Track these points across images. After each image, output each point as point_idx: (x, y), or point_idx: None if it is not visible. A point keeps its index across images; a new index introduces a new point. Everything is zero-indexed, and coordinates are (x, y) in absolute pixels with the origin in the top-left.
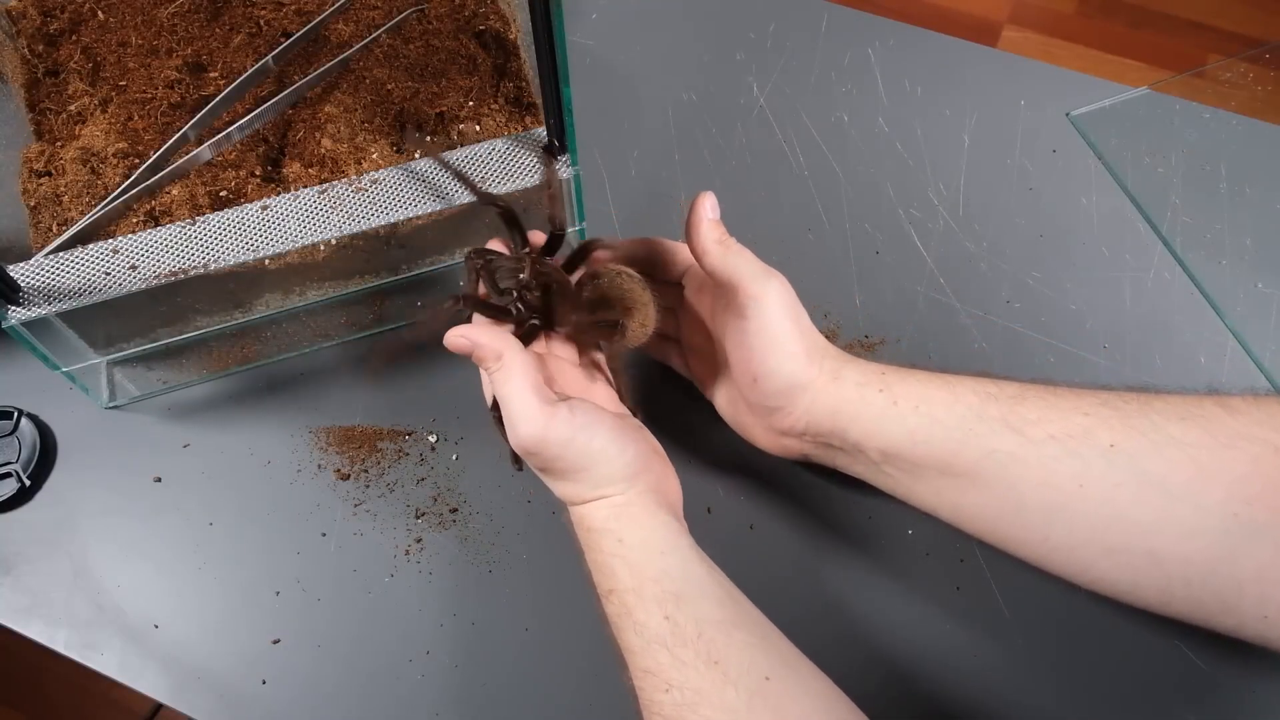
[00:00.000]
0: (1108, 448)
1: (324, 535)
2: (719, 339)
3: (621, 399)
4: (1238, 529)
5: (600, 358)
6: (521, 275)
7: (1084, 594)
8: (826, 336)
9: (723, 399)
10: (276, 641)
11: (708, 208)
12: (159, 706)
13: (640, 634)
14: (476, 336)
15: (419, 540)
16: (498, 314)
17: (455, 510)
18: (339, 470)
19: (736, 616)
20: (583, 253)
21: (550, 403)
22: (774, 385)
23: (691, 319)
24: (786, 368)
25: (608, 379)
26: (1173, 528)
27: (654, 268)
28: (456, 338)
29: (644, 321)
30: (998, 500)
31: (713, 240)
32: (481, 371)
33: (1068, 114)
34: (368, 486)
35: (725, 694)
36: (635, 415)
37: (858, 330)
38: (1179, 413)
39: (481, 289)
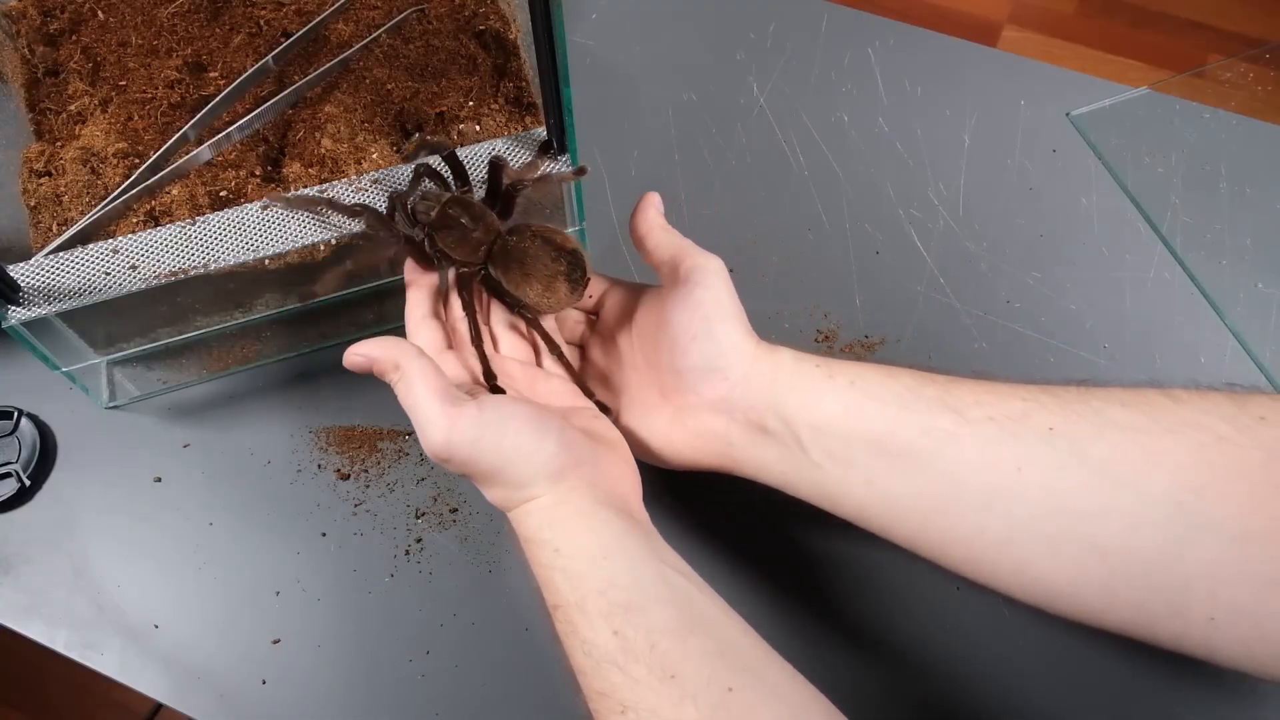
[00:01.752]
0: (1047, 431)
1: (324, 535)
2: (638, 333)
3: (573, 378)
4: (1183, 519)
5: (551, 328)
6: (433, 212)
7: None
8: (826, 336)
9: (634, 406)
10: (276, 641)
11: (656, 200)
12: (159, 706)
13: (589, 654)
14: (369, 350)
15: (419, 540)
16: (393, 233)
17: (455, 510)
18: (339, 470)
19: (694, 622)
20: (494, 172)
21: (455, 403)
22: (714, 347)
23: (602, 338)
24: (727, 328)
25: (559, 358)
26: (1117, 517)
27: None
28: (353, 356)
29: (546, 292)
30: (933, 485)
31: (658, 224)
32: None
33: (1068, 114)
34: (368, 486)
35: (683, 711)
36: (593, 398)
37: (858, 330)
38: (1120, 399)
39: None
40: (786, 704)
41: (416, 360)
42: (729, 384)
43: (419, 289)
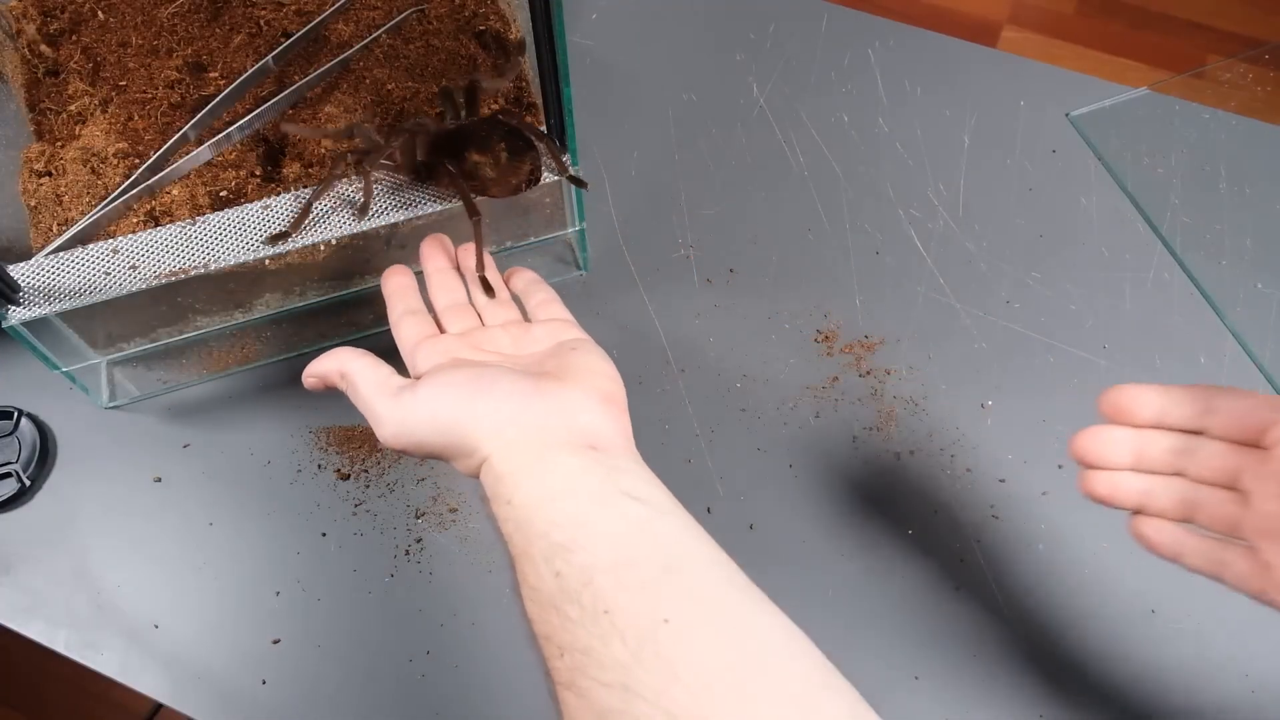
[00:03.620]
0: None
1: (324, 535)
2: None
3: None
4: None
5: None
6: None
7: (1082, 593)
8: (826, 336)
9: None
10: (276, 641)
11: None
12: (159, 706)
13: (535, 599)
14: (315, 368)
15: (419, 540)
16: (380, 145)
17: (455, 510)
18: (339, 470)
19: (637, 553)
20: (470, 92)
21: (395, 394)
22: None
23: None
24: None
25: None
26: None
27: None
28: (307, 379)
29: (491, 161)
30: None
31: None
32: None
33: (1068, 114)
34: (368, 486)
35: (611, 648)
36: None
37: (858, 330)
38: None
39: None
40: (734, 631)
41: (355, 362)
42: None
43: (395, 287)
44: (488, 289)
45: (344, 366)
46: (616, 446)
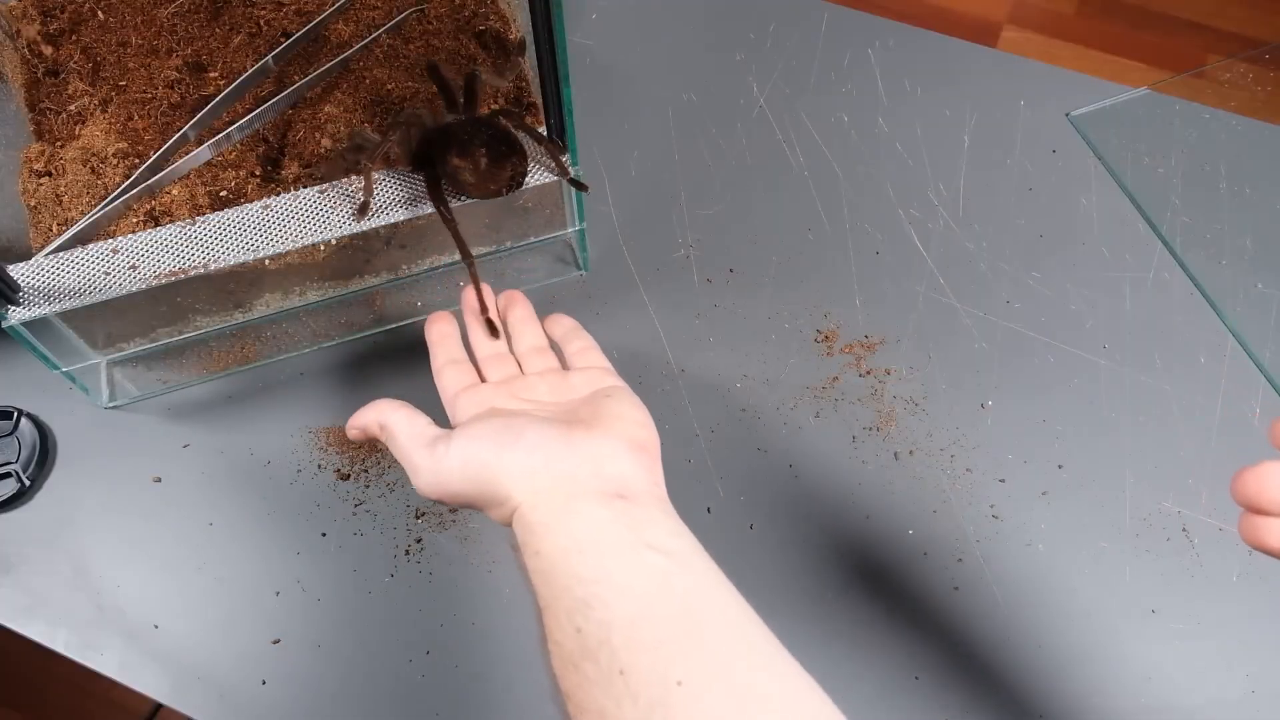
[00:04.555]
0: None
1: (324, 535)
2: None
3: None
4: None
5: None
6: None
7: (1082, 593)
8: (826, 336)
9: None
10: (276, 641)
11: None
12: (159, 706)
13: (558, 654)
14: (358, 420)
15: (419, 540)
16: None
17: (455, 510)
18: (339, 470)
19: (654, 610)
20: (469, 84)
21: (431, 446)
22: None
23: None
24: None
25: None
26: None
27: None
28: (350, 431)
29: (470, 166)
30: None
31: None
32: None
33: (1068, 114)
34: (368, 486)
35: (624, 710)
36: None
37: (858, 330)
38: None
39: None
40: (745, 696)
41: (394, 414)
42: None
43: (437, 335)
44: (492, 331)
45: (383, 418)
46: (646, 495)
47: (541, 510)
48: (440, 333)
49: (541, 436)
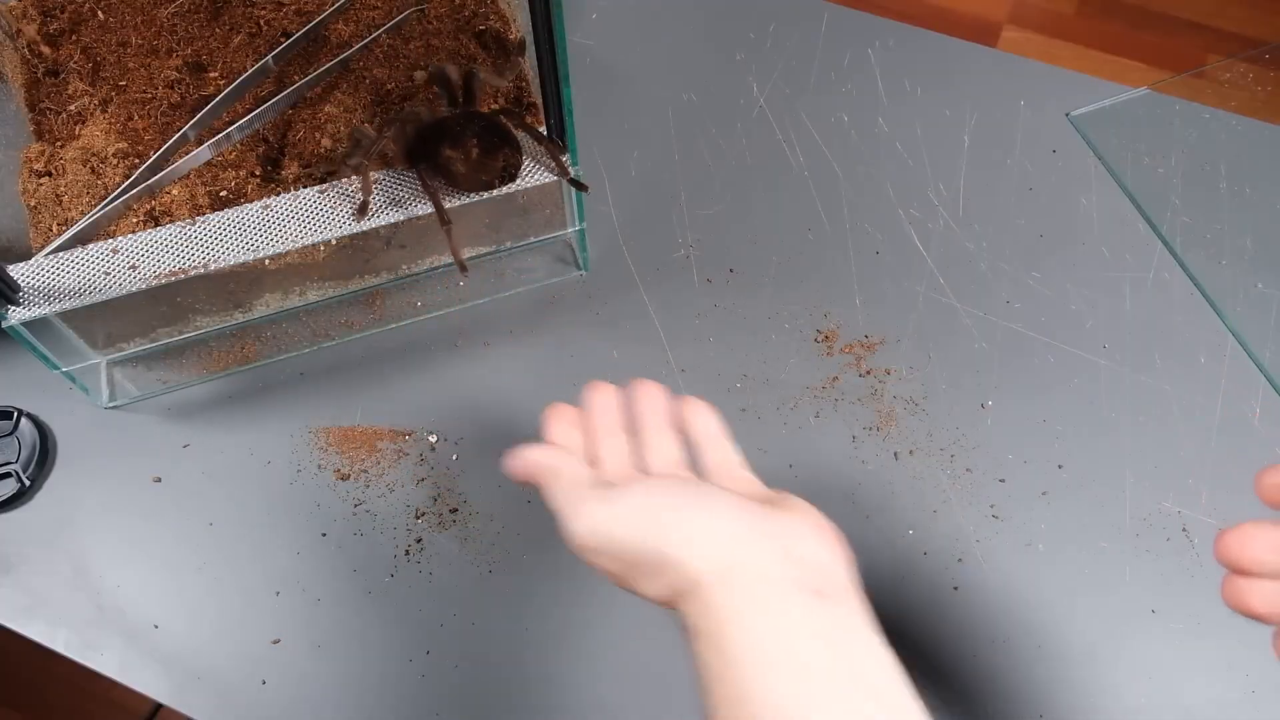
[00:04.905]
0: None
1: (324, 535)
2: None
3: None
4: None
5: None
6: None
7: (1082, 593)
8: (826, 336)
9: None
10: (276, 641)
11: None
12: (159, 706)
13: None
14: (520, 462)
15: (419, 540)
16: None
17: (455, 510)
18: (339, 470)
19: None
20: (468, 83)
21: (601, 488)
22: None
23: None
24: None
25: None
26: None
27: None
28: (514, 463)
29: (462, 158)
30: None
31: None
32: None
33: (1068, 114)
34: (368, 486)
35: None
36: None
37: (858, 330)
38: None
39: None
40: None
41: (569, 461)
42: None
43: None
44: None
45: (552, 461)
46: (844, 592)
47: (732, 596)
48: (560, 417)
49: (733, 504)
